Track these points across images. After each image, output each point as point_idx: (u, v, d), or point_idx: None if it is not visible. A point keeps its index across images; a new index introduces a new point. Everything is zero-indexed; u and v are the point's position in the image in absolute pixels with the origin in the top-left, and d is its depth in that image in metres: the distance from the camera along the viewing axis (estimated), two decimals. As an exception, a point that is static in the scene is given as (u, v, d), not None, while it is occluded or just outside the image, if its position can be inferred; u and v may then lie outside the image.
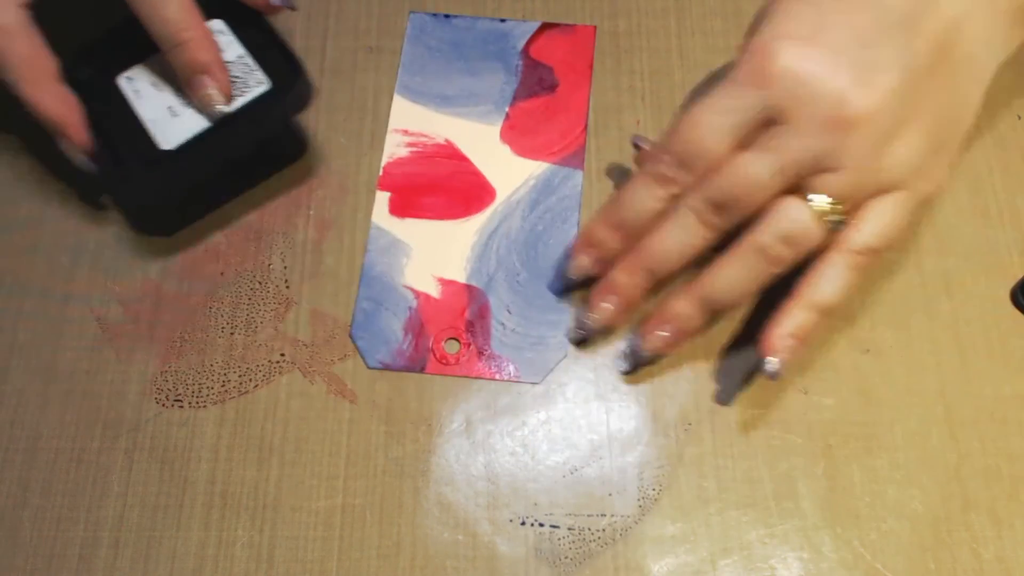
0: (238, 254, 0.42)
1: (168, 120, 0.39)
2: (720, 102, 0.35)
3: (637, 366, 0.39)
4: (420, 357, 0.40)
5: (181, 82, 0.39)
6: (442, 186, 0.43)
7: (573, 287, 0.41)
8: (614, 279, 0.38)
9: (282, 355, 0.40)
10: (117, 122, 0.40)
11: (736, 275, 0.36)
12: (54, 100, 0.38)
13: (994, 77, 0.45)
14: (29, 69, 0.37)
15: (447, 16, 0.46)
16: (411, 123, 0.44)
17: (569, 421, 0.39)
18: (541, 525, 0.37)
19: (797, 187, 0.35)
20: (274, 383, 0.39)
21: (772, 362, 0.35)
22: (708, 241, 0.36)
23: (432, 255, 0.42)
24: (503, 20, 0.46)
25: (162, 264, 0.41)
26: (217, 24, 0.40)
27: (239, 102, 0.39)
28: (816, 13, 0.34)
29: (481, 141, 0.44)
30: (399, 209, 0.42)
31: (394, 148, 0.44)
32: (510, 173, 0.43)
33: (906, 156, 0.34)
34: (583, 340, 0.40)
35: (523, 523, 0.37)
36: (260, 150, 0.40)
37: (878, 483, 0.38)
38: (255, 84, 0.39)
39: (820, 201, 0.34)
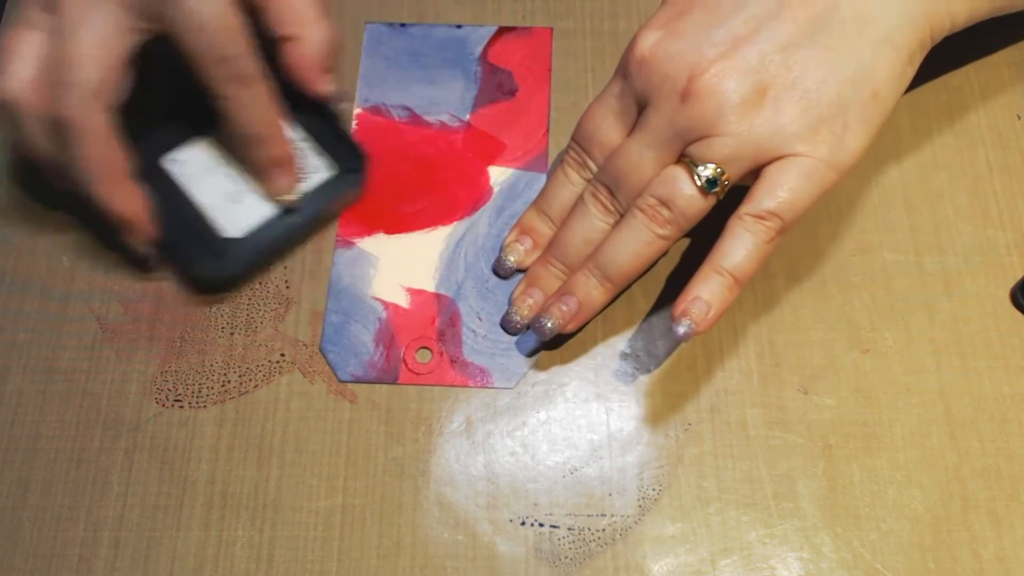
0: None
1: (228, 207, 0.40)
2: (604, 94, 0.39)
3: (540, 345, 0.40)
4: (392, 368, 0.39)
5: (253, 173, 0.40)
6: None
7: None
8: (533, 271, 0.40)
9: (282, 355, 0.40)
10: (172, 208, 0.39)
11: (624, 240, 0.37)
12: (126, 198, 0.37)
13: (994, 75, 0.45)
14: (106, 170, 0.36)
15: (403, 25, 0.46)
16: (373, 135, 0.44)
17: (569, 421, 0.39)
18: (541, 525, 0.37)
19: (684, 159, 0.36)
20: (274, 383, 0.39)
21: (683, 323, 0.35)
22: (611, 225, 0.38)
23: (399, 265, 0.41)
24: (459, 27, 0.46)
25: (162, 264, 0.41)
26: None
27: (301, 189, 0.40)
28: (686, 2, 0.37)
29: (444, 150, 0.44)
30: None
31: None
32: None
33: (786, 120, 0.35)
34: (519, 334, 0.40)
35: (523, 523, 0.37)
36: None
37: (878, 483, 0.38)
38: (314, 171, 0.40)
39: (703, 167, 0.35)
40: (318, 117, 0.41)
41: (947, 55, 0.45)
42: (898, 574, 0.36)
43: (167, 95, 0.41)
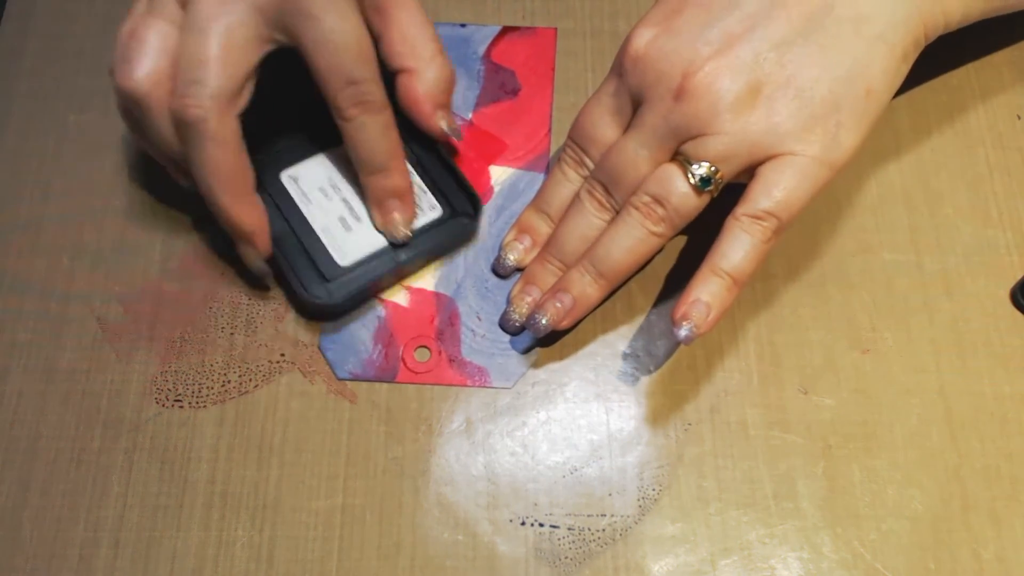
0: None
1: (342, 233, 0.39)
2: (599, 91, 0.39)
3: (535, 341, 0.40)
4: (390, 367, 0.39)
5: (370, 202, 0.39)
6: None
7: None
8: (530, 270, 0.40)
9: (282, 355, 0.40)
10: (288, 224, 0.39)
11: (619, 237, 0.37)
12: (249, 212, 0.37)
13: (994, 75, 0.45)
14: (232, 181, 0.36)
15: None
16: None
17: (569, 421, 0.39)
18: (541, 525, 0.37)
19: (679, 157, 0.36)
20: (274, 383, 0.39)
21: (684, 326, 0.35)
22: (606, 222, 0.38)
23: None
24: (463, 25, 0.46)
25: (162, 264, 0.41)
26: None
27: (414, 225, 0.40)
28: (680, 1, 0.37)
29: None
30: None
31: None
32: (475, 180, 0.43)
33: (779, 119, 0.35)
34: (518, 333, 0.40)
35: (523, 523, 0.37)
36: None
37: (878, 483, 0.38)
38: (428, 209, 0.40)
39: (697, 166, 0.35)
40: (432, 155, 0.41)
41: (947, 55, 0.46)
42: (898, 574, 0.36)
43: (285, 109, 0.40)
